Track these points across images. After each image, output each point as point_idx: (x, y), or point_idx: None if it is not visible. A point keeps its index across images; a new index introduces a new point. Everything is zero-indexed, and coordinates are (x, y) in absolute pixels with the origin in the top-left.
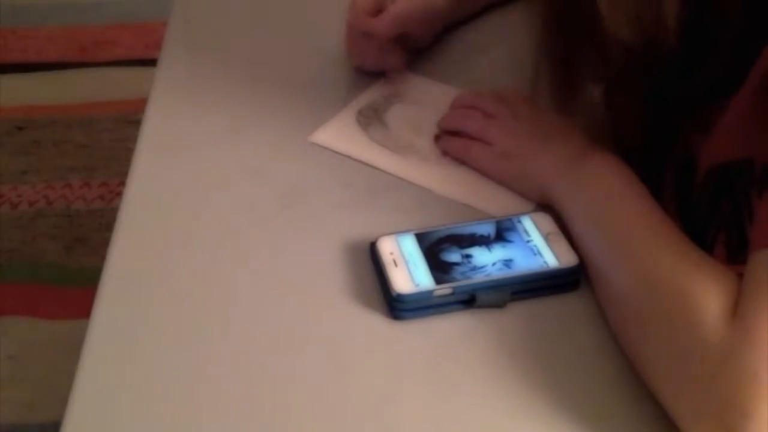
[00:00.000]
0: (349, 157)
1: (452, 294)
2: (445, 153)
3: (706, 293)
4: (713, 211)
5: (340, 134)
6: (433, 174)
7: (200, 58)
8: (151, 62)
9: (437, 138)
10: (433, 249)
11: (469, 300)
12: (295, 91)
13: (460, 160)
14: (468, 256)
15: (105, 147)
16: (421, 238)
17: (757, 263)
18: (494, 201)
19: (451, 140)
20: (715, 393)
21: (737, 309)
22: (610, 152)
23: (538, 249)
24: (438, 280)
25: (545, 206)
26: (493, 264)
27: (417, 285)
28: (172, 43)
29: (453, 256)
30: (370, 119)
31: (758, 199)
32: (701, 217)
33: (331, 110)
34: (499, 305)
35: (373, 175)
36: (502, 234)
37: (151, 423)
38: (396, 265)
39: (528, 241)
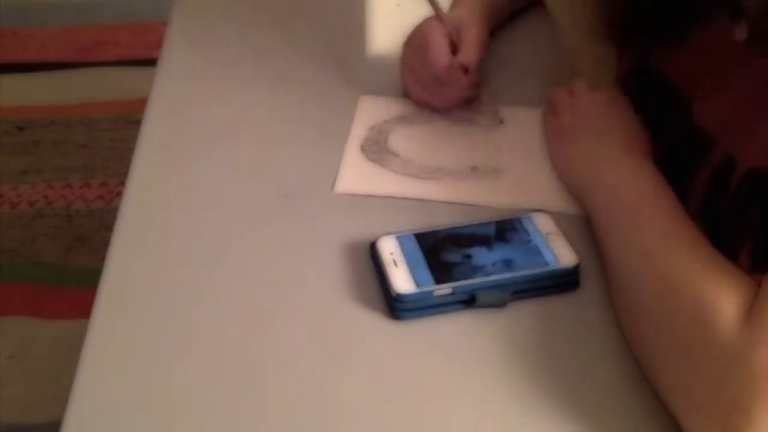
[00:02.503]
0: (389, 196)
1: (452, 294)
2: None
3: (721, 296)
4: (742, 218)
5: (362, 176)
6: (473, 188)
7: (200, 58)
8: (151, 62)
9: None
10: (433, 249)
11: (469, 300)
12: (295, 90)
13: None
14: (468, 256)
15: (105, 147)
16: (421, 238)
17: None
18: (541, 205)
19: (545, 111)
20: (720, 394)
21: (751, 313)
22: (643, 157)
23: (538, 249)
24: (438, 280)
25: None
26: (493, 264)
27: (417, 285)
28: (172, 43)
29: (453, 256)
30: (379, 153)
31: None
32: (729, 222)
33: (332, 109)
34: (499, 305)
35: None
36: (502, 234)
37: (151, 423)
38: (396, 265)
39: (528, 241)
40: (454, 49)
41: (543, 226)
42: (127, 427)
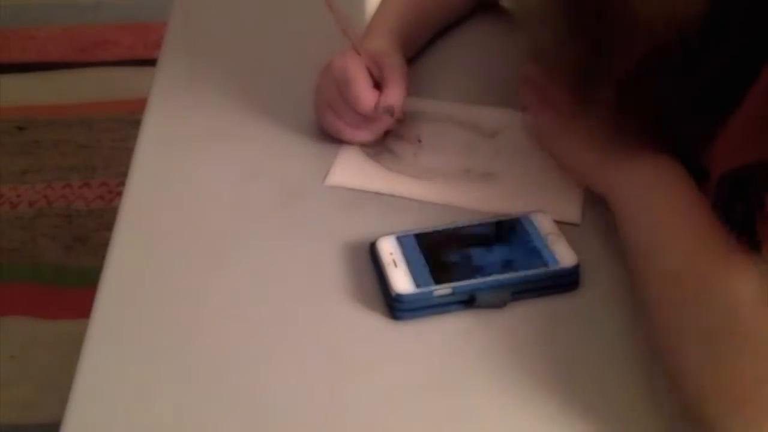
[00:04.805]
0: (376, 193)
1: (452, 294)
2: (522, 106)
3: (737, 275)
4: (727, 217)
5: (354, 171)
6: (465, 191)
7: (200, 58)
8: (151, 62)
9: (522, 84)
10: (433, 249)
11: (469, 300)
12: (295, 90)
13: (528, 113)
14: (468, 257)
15: (105, 147)
16: (421, 238)
17: None
18: (528, 209)
19: (529, 92)
20: (739, 378)
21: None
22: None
23: (537, 249)
24: (438, 281)
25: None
26: (493, 264)
27: (417, 285)
28: (172, 43)
29: (453, 256)
30: (377, 149)
31: None
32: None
33: None
34: (499, 305)
35: None
36: (501, 234)
37: (151, 423)
38: (396, 265)
39: (528, 241)
40: (375, 82)
41: (543, 226)
42: (127, 427)
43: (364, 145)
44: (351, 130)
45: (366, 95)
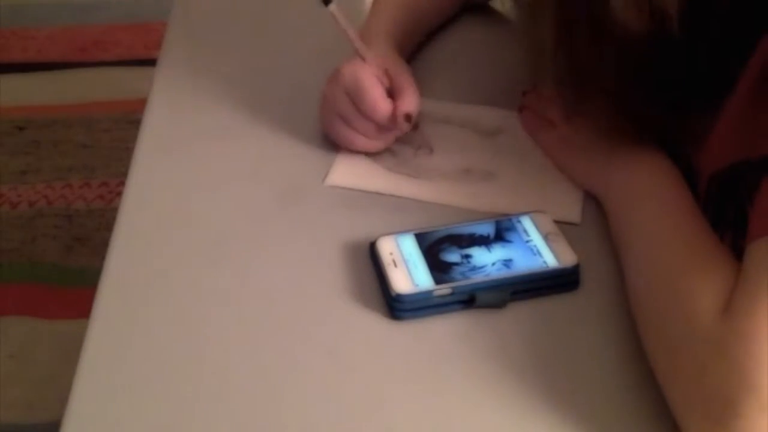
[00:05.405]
0: (376, 193)
1: (452, 294)
2: (523, 125)
3: (703, 287)
4: (718, 217)
5: (354, 171)
6: (465, 191)
7: (200, 58)
8: (151, 62)
9: (521, 110)
10: (433, 249)
11: (468, 300)
12: (295, 90)
13: (530, 136)
14: (467, 256)
15: (105, 147)
16: (420, 238)
17: (752, 254)
18: (528, 209)
19: (528, 117)
20: (703, 385)
21: (730, 302)
22: (657, 151)
23: (537, 249)
24: (437, 280)
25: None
26: (493, 264)
27: (416, 285)
28: (172, 43)
29: (452, 256)
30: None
31: (756, 192)
32: (708, 220)
33: None
34: (498, 305)
35: None
36: (501, 234)
37: (151, 423)
38: (396, 265)
39: (527, 241)
40: (385, 90)
41: (543, 226)
42: (127, 427)
43: None
44: (364, 140)
45: (382, 103)
